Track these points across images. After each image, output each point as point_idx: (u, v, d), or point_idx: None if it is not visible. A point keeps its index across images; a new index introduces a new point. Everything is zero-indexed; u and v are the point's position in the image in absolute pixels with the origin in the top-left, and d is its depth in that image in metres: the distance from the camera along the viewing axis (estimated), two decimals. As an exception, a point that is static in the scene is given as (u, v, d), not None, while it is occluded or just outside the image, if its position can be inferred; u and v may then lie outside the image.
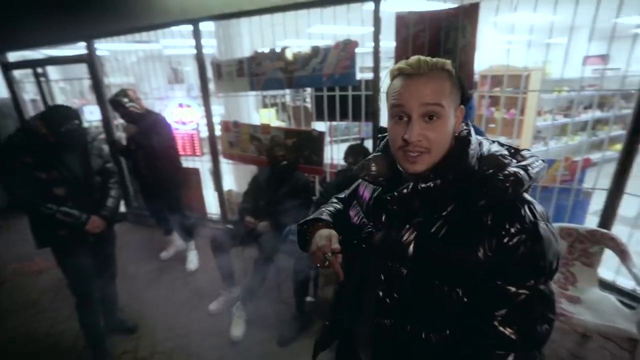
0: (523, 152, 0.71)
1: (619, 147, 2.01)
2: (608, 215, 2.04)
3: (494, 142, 0.75)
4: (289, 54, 2.44)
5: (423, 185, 0.67)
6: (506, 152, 0.70)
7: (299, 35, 2.32)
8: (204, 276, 2.87)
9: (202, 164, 3.40)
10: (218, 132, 3.13)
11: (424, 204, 0.69)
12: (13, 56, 4.00)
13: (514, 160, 0.68)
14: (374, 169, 0.79)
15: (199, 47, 2.82)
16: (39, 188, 1.67)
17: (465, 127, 0.72)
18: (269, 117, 4.19)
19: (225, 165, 3.26)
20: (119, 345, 2.14)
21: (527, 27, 1.95)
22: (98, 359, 1.97)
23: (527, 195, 0.66)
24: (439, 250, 0.67)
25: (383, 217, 0.77)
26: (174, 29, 2.89)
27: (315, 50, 2.35)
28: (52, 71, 4.07)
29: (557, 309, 1.66)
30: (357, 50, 2.26)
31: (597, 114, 5.17)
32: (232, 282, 2.46)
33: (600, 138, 5.28)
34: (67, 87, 5.37)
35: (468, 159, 0.67)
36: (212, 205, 3.50)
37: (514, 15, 1.94)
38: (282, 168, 2.34)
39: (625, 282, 2.10)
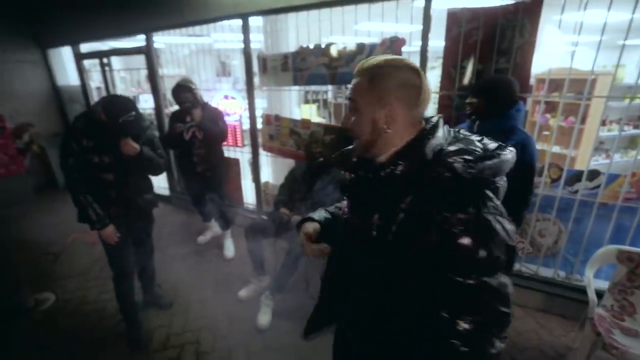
0: (502, 149, 0.70)
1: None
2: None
3: (472, 136, 0.74)
4: (333, 50, 2.44)
5: (378, 172, 0.72)
6: (478, 147, 0.69)
7: (345, 31, 2.30)
8: (236, 263, 2.98)
9: (243, 155, 3.51)
10: (259, 125, 3.22)
11: (382, 193, 0.73)
12: (84, 47, 4.43)
13: (478, 152, 0.67)
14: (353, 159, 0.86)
15: (247, 41, 2.90)
16: (89, 171, 1.77)
17: (432, 121, 0.73)
18: (310, 113, 4.22)
19: (264, 158, 3.34)
20: (155, 319, 2.30)
21: (597, 27, 1.76)
22: (130, 328, 2.12)
23: (487, 192, 0.68)
24: (393, 240, 0.70)
25: (347, 205, 0.85)
26: (224, 23, 3.01)
27: (361, 47, 2.32)
28: (115, 62, 4.43)
29: (608, 340, 1.51)
30: (403, 49, 2.19)
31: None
32: (262, 271, 2.53)
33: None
34: (127, 77, 5.81)
35: (423, 150, 0.69)
36: (249, 195, 3.62)
37: (582, 13, 1.76)
38: (319, 164, 2.35)
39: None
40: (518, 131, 1.60)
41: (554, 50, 2.95)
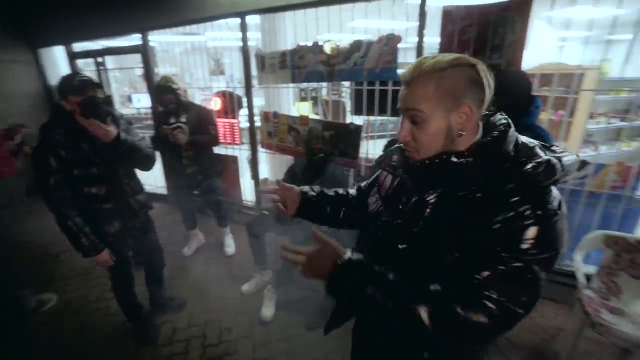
0: (553, 148, 0.72)
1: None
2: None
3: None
4: (331, 48, 2.48)
5: (455, 160, 0.69)
6: (539, 145, 0.72)
7: (342, 29, 2.35)
8: (238, 259, 3.01)
9: (241, 152, 3.54)
10: (258, 122, 3.24)
11: (451, 177, 0.71)
12: (77, 47, 4.38)
13: (548, 152, 0.70)
14: (395, 159, 0.88)
15: (244, 39, 2.93)
16: (75, 187, 1.53)
17: (504, 119, 0.73)
18: (306, 110, 4.26)
19: (262, 155, 3.37)
20: (160, 316, 2.33)
21: (585, 23, 1.84)
22: (136, 327, 2.14)
23: (554, 189, 0.67)
24: (454, 216, 0.70)
25: (409, 183, 0.82)
26: (221, 21, 3.02)
27: (358, 44, 2.36)
28: (108, 61, 4.39)
29: (595, 319, 1.60)
30: (399, 45, 2.25)
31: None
32: (264, 265, 2.57)
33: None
34: (120, 76, 5.77)
35: (504, 144, 0.68)
36: (247, 192, 3.64)
37: (571, 9, 1.83)
38: (318, 160, 2.39)
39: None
40: (537, 129, 1.57)
41: (543, 45, 3.04)
